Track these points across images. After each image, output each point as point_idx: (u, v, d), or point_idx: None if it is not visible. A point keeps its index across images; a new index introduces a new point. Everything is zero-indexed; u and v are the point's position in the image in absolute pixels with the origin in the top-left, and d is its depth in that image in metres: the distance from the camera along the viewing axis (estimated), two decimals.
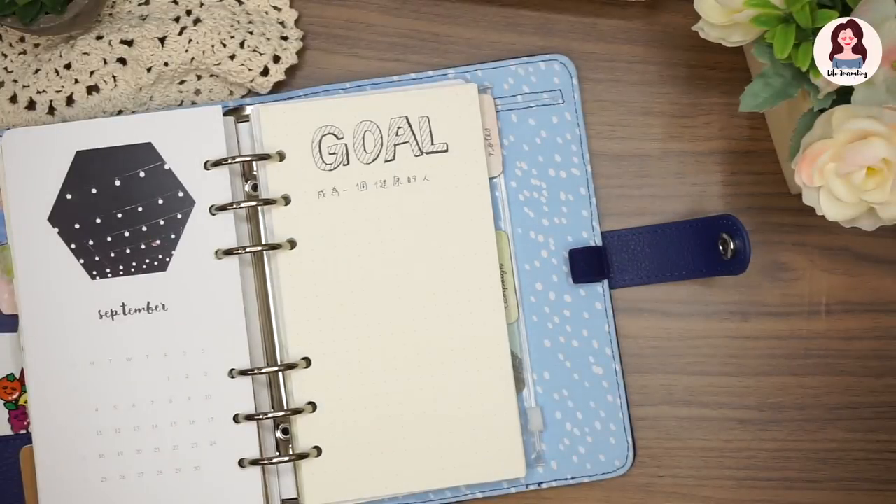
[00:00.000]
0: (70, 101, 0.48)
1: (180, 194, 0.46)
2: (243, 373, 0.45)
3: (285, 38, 0.49)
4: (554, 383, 0.47)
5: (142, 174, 0.46)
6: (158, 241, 0.45)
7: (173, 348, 0.45)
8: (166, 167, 0.46)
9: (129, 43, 0.48)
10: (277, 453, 0.46)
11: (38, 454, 0.44)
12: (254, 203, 0.45)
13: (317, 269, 0.46)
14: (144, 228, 0.45)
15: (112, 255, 0.45)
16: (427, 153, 0.46)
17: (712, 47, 0.45)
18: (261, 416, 0.45)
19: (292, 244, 0.46)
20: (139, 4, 0.49)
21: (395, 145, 0.46)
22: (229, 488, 0.44)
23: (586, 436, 0.47)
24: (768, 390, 0.48)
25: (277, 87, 0.49)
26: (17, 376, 0.46)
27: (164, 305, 0.45)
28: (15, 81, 0.48)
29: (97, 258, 0.45)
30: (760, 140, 0.49)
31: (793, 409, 0.48)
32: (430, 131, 0.46)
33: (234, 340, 0.45)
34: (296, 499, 0.46)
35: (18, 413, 0.46)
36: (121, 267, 0.45)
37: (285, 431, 0.46)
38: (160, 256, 0.45)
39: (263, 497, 0.45)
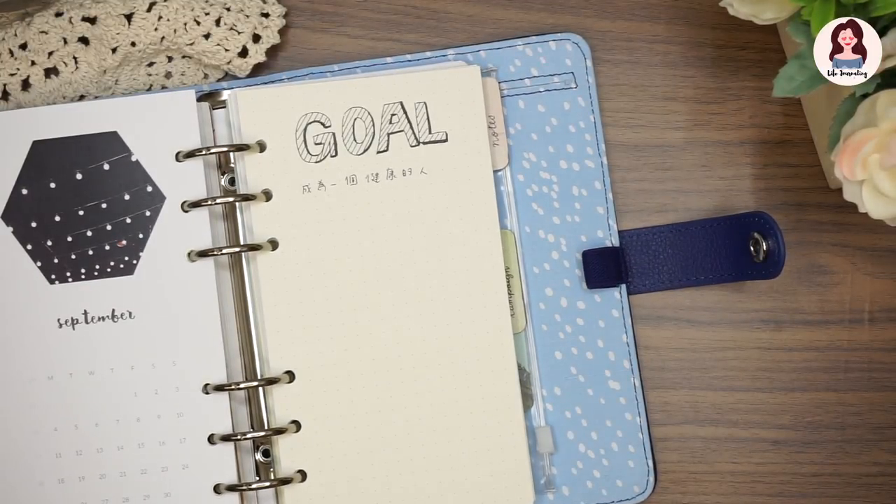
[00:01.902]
0: (26, 85, 0.48)
1: (149, 189, 0.45)
2: (219, 388, 0.45)
3: (266, 15, 0.48)
4: (566, 400, 0.47)
5: (106, 167, 0.45)
6: (125, 242, 0.45)
7: (141, 361, 0.45)
8: (133, 159, 0.45)
9: (92, 20, 0.48)
10: (257, 478, 0.46)
11: None
12: (231, 199, 0.45)
13: (301, 273, 0.45)
14: (109, 227, 0.45)
15: (73, 256, 0.45)
16: (424, 143, 0.46)
17: (742, 25, 0.45)
18: (239, 437, 0.45)
19: (274, 245, 0.46)
20: None
21: (388, 134, 0.46)
22: None
23: (602, 458, 0.47)
24: (805, 408, 0.48)
25: (257, 70, 0.49)
26: None
27: (130, 313, 0.45)
28: None
29: (56, 260, 0.45)
30: (796, 129, 0.49)
31: (832, 428, 0.48)
32: (428, 119, 0.46)
33: (209, 352, 0.45)
34: None
35: None
36: (83, 270, 0.45)
37: (266, 454, 0.46)
38: (126, 258, 0.45)
39: None
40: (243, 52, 0.48)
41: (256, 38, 0.48)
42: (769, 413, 0.48)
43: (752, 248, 0.46)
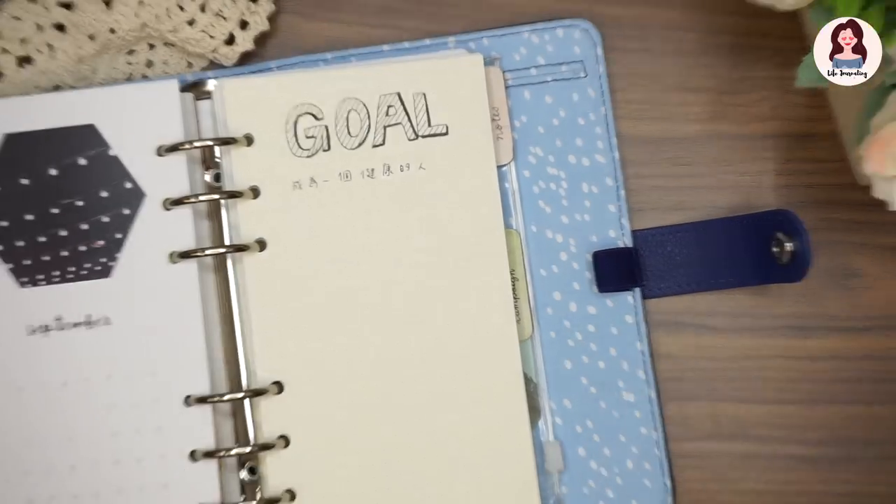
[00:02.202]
0: None
1: (128, 186, 0.45)
2: (202, 400, 0.44)
3: (254, 1, 0.48)
4: (576, 413, 0.46)
5: (82, 162, 0.45)
6: (102, 242, 0.45)
7: (118, 371, 0.44)
8: (111, 153, 0.45)
9: (69, 6, 0.47)
10: (243, 496, 0.45)
11: None
12: (216, 196, 0.45)
13: (291, 276, 0.45)
14: (85, 227, 0.45)
15: (46, 258, 0.44)
16: (423, 137, 0.46)
17: (762, 11, 0.44)
18: (222, 453, 0.44)
19: (262, 245, 0.45)
20: None
21: (385, 127, 0.46)
22: None
23: (615, 476, 0.46)
24: (835, 422, 0.47)
25: (245, 59, 0.48)
26: None
27: (107, 319, 0.44)
28: None
29: (28, 262, 0.44)
30: (821, 121, 0.49)
31: (865, 444, 0.47)
32: (427, 111, 0.46)
33: (192, 361, 0.44)
34: None
35: None
36: (56, 272, 0.44)
37: (252, 471, 0.45)
38: (103, 260, 0.44)
39: None
40: (230, 40, 0.47)
41: (244, 25, 0.48)
42: (797, 427, 0.47)
43: (775, 249, 0.46)
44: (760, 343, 0.47)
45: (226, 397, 0.44)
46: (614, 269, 0.46)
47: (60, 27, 0.47)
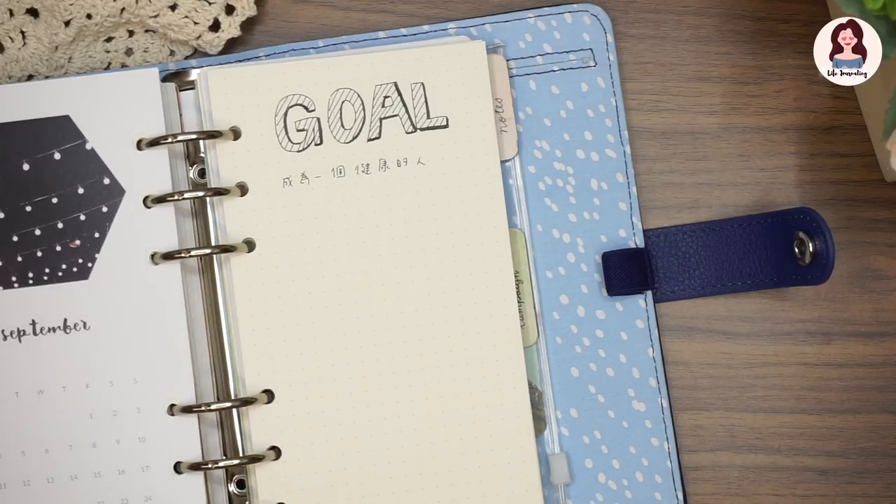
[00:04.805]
0: None
1: (106, 181, 0.45)
2: (187, 410, 0.44)
3: None
4: (583, 423, 0.46)
5: (57, 156, 0.45)
6: (78, 242, 0.45)
7: (98, 378, 0.44)
8: (88, 147, 0.45)
9: None
10: None
11: None
12: (201, 193, 0.45)
13: (281, 278, 0.45)
14: (60, 225, 0.45)
15: (19, 259, 0.44)
16: (422, 129, 0.46)
17: None
18: (209, 466, 0.44)
19: (250, 246, 0.45)
20: None
21: (381, 119, 0.46)
22: None
23: (625, 490, 0.46)
24: (857, 432, 0.47)
25: (231, 46, 0.48)
26: None
27: (85, 323, 0.44)
28: None
29: (0, 263, 0.44)
30: (847, 113, 0.49)
31: (889, 455, 0.47)
32: (426, 102, 0.46)
33: (176, 368, 0.44)
34: None
35: None
36: (30, 274, 0.44)
37: (241, 485, 0.45)
38: (81, 261, 0.45)
39: None
40: (215, 26, 0.47)
41: (230, 10, 0.47)
42: (816, 438, 0.47)
43: (796, 250, 0.46)
44: (778, 349, 0.47)
45: (212, 406, 0.44)
46: (625, 271, 0.46)
47: (34, 12, 0.47)
